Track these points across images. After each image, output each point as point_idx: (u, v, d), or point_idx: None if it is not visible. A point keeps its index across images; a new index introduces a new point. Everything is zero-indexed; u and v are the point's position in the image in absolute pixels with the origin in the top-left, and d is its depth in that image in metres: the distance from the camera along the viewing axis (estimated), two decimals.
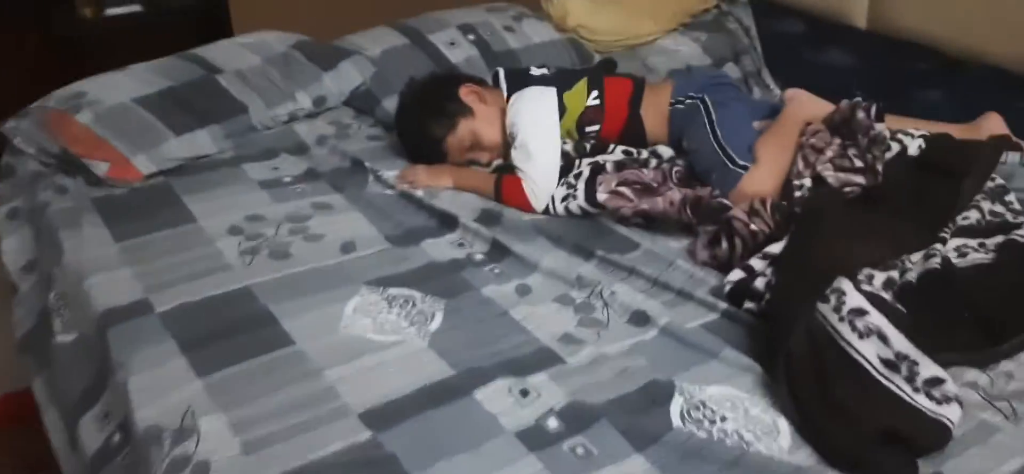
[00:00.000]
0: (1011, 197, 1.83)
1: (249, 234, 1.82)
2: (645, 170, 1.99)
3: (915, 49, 2.59)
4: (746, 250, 1.65)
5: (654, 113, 2.10)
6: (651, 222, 1.86)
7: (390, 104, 2.37)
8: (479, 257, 1.77)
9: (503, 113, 2.11)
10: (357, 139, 2.29)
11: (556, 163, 1.98)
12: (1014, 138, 2.00)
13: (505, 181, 1.98)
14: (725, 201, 1.80)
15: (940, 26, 2.57)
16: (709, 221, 1.76)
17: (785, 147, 1.90)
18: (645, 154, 2.06)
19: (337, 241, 1.81)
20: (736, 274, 1.60)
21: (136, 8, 3.42)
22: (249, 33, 2.61)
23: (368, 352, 1.48)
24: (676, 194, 1.81)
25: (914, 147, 1.93)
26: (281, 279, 1.68)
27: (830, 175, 1.83)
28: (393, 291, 1.65)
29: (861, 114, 1.93)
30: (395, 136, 2.27)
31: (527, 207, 1.95)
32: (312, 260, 1.75)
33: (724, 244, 1.68)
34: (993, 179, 1.88)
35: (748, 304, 1.57)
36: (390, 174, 2.08)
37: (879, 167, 1.83)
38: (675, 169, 1.98)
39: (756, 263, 1.61)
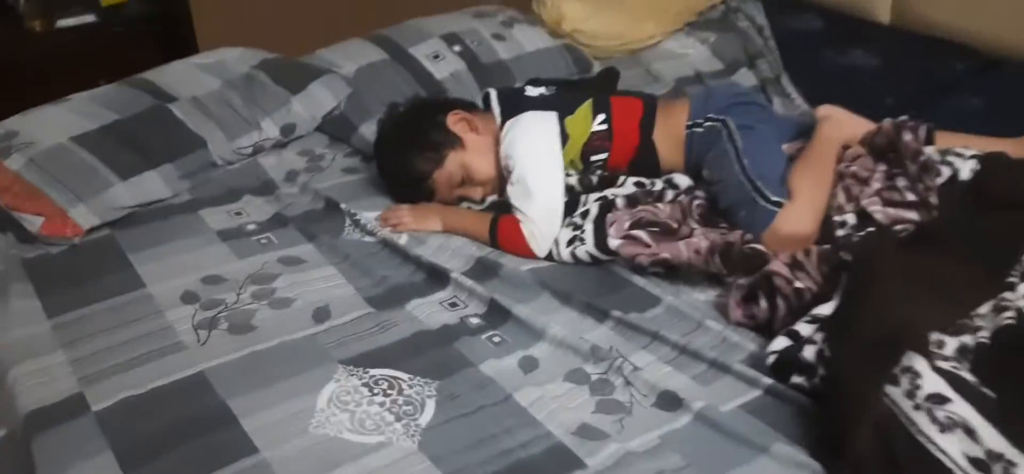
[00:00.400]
0: None
1: (206, 301, 1.57)
2: (660, 205, 1.74)
3: (946, 47, 2.34)
4: (789, 310, 1.40)
5: (668, 137, 1.85)
6: (671, 269, 1.62)
7: (368, 130, 2.11)
8: (475, 322, 1.52)
9: (497, 142, 1.86)
10: (331, 173, 2.03)
11: (560, 201, 1.73)
12: None
13: (501, 224, 1.73)
14: (759, 247, 1.55)
15: (975, 20, 2.32)
16: (742, 272, 1.52)
17: (823, 178, 1.66)
18: (659, 185, 1.81)
19: (308, 307, 1.56)
20: (780, 342, 1.35)
21: (90, 18, 3.15)
22: (207, 52, 2.34)
23: (346, 461, 1.23)
24: (701, 240, 1.56)
25: (966, 171, 1.68)
26: (243, 360, 1.43)
27: (878, 211, 1.58)
28: (375, 372, 1.39)
29: (908, 136, 1.68)
30: (375, 168, 2.02)
31: (527, 253, 1.71)
32: (279, 333, 1.49)
33: (763, 303, 1.43)
34: None
35: (796, 378, 1.33)
36: (369, 216, 1.82)
37: (933, 199, 1.58)
38: (695, 203, 1.73)
39: (803, 328, 1.36)
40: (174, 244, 1.74)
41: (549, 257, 1.70)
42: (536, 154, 1.77)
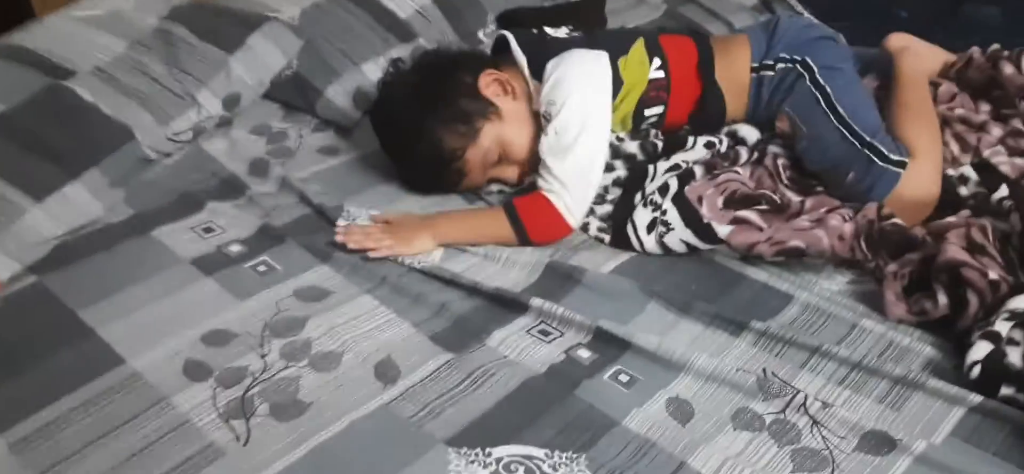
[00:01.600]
0: None
1: (223, 374, 1.15)
2: (739, 169, 1.47)
3: None
4: (982, 306, 1.18)
5: (729, 83, 1.56)
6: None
7: (338, 94, 1.69)
8: (585, 355, 1.20)
9: (530, 102, 1.50)
10: (305, 157, 1.59)
11: (600, 163, 1.43)
12: None
13: (523, 208, 1.39)
14: (901, 224, 1.32)
15: None
16: (887, 256, 1.29)
17: (934, 125, 1.44)
18: (724, 140, 1.53)
19: (365, 361, 1.18)
20: (982, 348, 1.14)
21: None
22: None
23: None
24: (843, 223, 1.31)
25: None
26: (311, 460, 1.04)
27: (1004, 162, 1.39)
28: (500, 453, 1.06)
29: (1008, 67, 1.50)
30: (359, 142, 1.61)
31: (561, 232, 1.40)
32: (342, 408, 1.11)
33: (942, 298, 1.20)
34: None
35: (1006, 389, 1.12)
36: (374, 211, 1.44)
37: None
38: (780, 162, 1.47)
39: (1001, 327, 1.15)
40: (138, 287, 1.28)
41: (624, 244, 1.40)
42: (586, 100, 1.43)
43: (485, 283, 1.31)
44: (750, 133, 1.54)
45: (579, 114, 1.41)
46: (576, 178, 1.40)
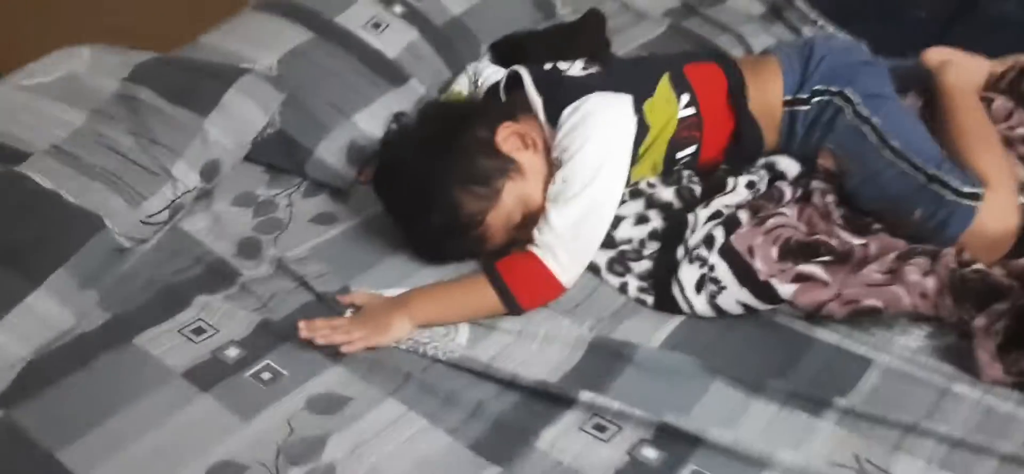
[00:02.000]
0: None
1: None
2: (786, 210, 1.32)
3: None
4: None
5: (762, 113, 1.42)
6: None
7: (328, 151, 1.51)
8: (651, 455, 1.05)
9: (549, 151, 1.34)
10: (298, 229, 1.42)
11: (609, 217, 1.28)
12: None
13: (507, 272, 1.24)
14: (984, 269, 1.18)
15: None
16: (972, 309, 1.15)
17: (999, 147, 1.31)
18: (763, 175, 1.39)
19: None
20: None
21: None
22: (38, 63, 1.57)
23: None
24: (922, 277, 1.17)
25: None
26: None
27: None
28: None
29: None
30: (358, 205, 1.45)
31: (550, 292, 1.25)
32: None
33: None
34: None
35: None
36: (393, 292, 1.28)
37: None
38: (828, 198, 1.33)
39: None
40: (125, 413, 1.09)
41: (670, 306, 1.25)
42: (601, 149, 1.28)
43: (523, 374, 1.15)
44: (790, 166, 1.40)
45: (593, 163, 1.26)
46: (573, 232, 1.25)
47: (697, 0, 1.97)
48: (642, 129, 1.34)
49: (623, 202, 1.34)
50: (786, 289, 1.19)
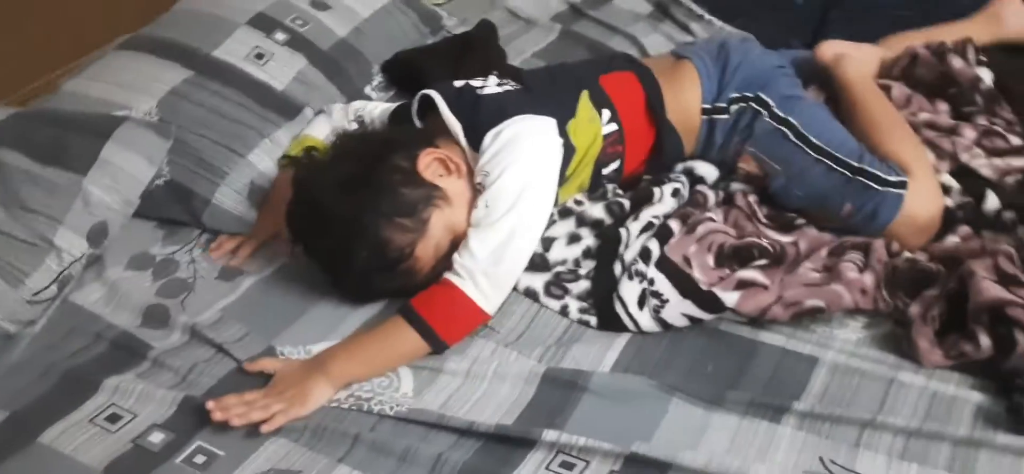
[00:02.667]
0: None
1: None
2: (711, 214, 1.33)
3: None
4: None
5: (680, 121, 1.41)
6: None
7: (226, 197, 1.40)
8: None
9: (472, 174, 1.30)
10: (206, 290, 1.30)
11: (534, 240, 1.26)
12: None
13: (423, 308, 1.18)
14: (921, 261, 1.21)
15: None
16: (905, 297, 1.18)
17: (910, 133, 1.35)
18: (683, 181, 1.39)
19: None
20: None
21: None
22: None
23: None
24: (860, 274, 1.19)
25: (987, 78, 1.48)
26: None
27: (984, 165, 1.32)
28: None
29: (957, 61, 1.44)
30: (267, 253, 1.35)
31: (473, 320, 1.20)
32: None
33: (984, 339, 1.11)
34: None
35: None
36: (320, 348, 1.20)
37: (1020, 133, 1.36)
38: (751, 199, 1.35)
39: None
40: None
41: (614, 324, 1.23)
42: (526, 172, 1.24)
43: (480, 419, 1.09)
44: (708, 171, 1.40)
45: (515, 187, 1.22)
46: (495, 257, 1.20)
47: (583, 2, 1.96)
48: (568, 151, 1.31)
49: (553, 223, 1.31)
50: (730, 297, 1.19)
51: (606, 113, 1.36)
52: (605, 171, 1.37)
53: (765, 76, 1.40)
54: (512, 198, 1.22)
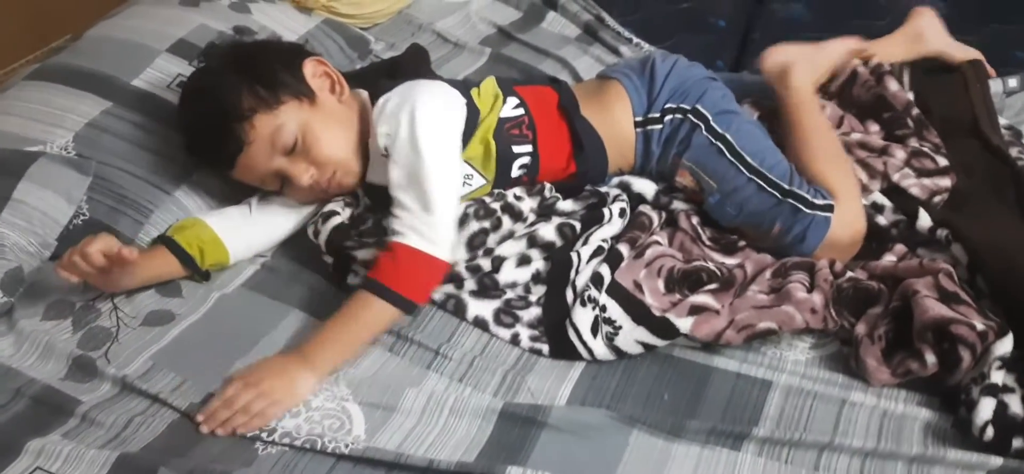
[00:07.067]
0: None
1: None
2: (657, 237, 1.32)
3: None
4: (974, 359, 1.12)
5: (611, 135, 1.40)
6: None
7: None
8: None
9: (363, 122, 1.34)
10: (132, 338, 1.21)
11: (455, 175, 1.28)
12: (984, 62, 1.67)
13: (383, 274, 1.19)
14: (868, 281, 1.22)
15: None
16: (850, 317, 1.20)
17: (842, 157, 1.37)
18: (625, 198, 1.37)
19: None
20: (989, 406, 1.07)
21: None
22: None
23: None
24: (808, 294, 1.19)
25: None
26: None
27: (914, 185, 1.35)
28: None
29: (893, 84, 1.47)
30: (198, 293, 1.28)
31: (436, 272, 1.23)
32: None
33: (930, 357, 1.13)
34: None
35: (1017, 442, 1.07)
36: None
37: (945, 154, 1.40)
38: (695, 220, 1.35)
39: (996, 377, 1.10)
40: None
41: (568, 353, 1.21)
42: (438, 134, 1.26)
43: (441, 458, 1.06)
44: (646, 187, 1.39)
45: (417, 131, 1.23)
46: (422, 204, 1.21)
47: (512, 26, 1.94)
48: (473, 111, 1.33)
49: (504, 241, 1.28)
50: (683, 323, 1.18)
51: (513, 100, 1.38)
52: (516, 150, 1.35)
53: (699, 86, 1.40)
54: (416, 142, 1.23)
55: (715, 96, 1.40)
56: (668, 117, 1.39)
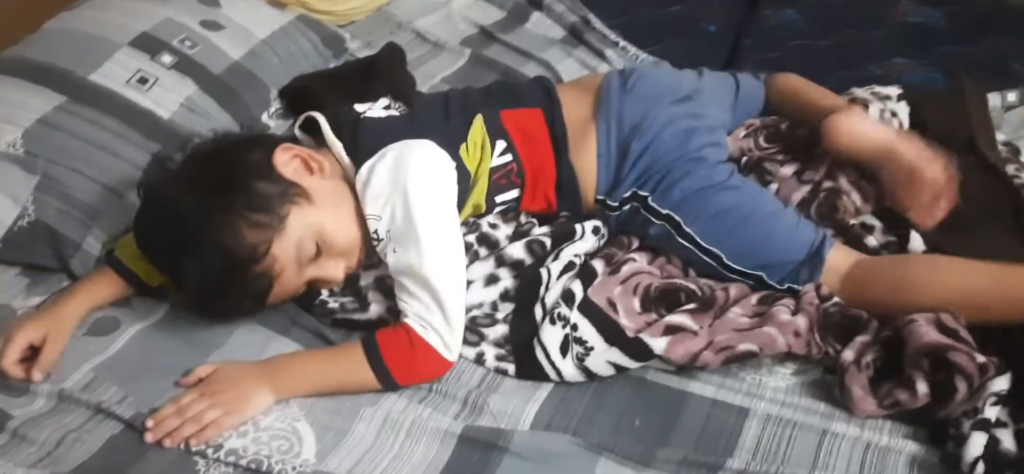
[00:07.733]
0: None
1: None
2: (635, 254, 1.26)
3: None
4: (970, 391, 1.05)
5: (580, 165, 1.31)
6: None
7: (100, 241, 1.26)
8: None
9: (351, 187, 1.22)
10: (73, 348, 1.14)
11: (464, 287, 1.17)
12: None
13: (387, 345, 1.11)
14: (851, 310, 1.15)
15: None
16: (838, 345, 1.13)
17: None
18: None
19: None
20: (980, 441, 1.00)
21: None
22: None
23: None
24: (792, 316, 1.12)
25: (904, 115, 1.46)
26: None
27: None
28: None
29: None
30: (144, 306, 1.21)
31: (436, 370, 1.13)
32: None
33: (922, 387, 1.06)
34: None
35: None
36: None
37: None
38: None
39: (990, 412, 1.03)
40: None
41: (535, 373, 1.14)
42: (437, 215, 1.16)
43: None
44: None
45: (432, 233, 1.13)
46: (444, 305, 1.12)
47: (495, 26, 1.87)
48: (463, 174, 1.23)
49: (470, 263, 1.21)
50: (658, 344, 1.11)
51: (501, 144, 1.28)
52: (499, 198, 1.28)
53: (678, 168, 1.26)
54: (417, 237, 1.13)
55: (695, 174, 1.25)
56: (626, 206, 1.28)
